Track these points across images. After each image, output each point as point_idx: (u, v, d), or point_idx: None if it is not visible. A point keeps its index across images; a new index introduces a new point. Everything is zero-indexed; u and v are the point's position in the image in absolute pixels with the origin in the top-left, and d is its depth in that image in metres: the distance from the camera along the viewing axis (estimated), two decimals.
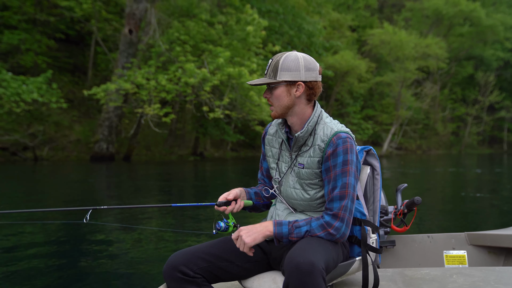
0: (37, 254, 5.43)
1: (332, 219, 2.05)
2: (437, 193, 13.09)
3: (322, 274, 1.83)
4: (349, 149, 2.08)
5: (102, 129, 22.18)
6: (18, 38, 20.98)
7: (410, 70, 36.32)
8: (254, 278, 2.22)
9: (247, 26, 18.83)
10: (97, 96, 18.92)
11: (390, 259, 3.63)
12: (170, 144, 28.90)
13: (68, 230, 6.90)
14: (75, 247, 5.92)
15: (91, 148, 24.15)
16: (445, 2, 45.37)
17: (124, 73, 19.55)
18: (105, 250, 5.80)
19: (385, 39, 34.83)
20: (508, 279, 2.52)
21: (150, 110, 18.65)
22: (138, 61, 19.86)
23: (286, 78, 2.09)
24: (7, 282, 4.38)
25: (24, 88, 18.39)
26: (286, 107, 2.13)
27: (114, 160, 23.56)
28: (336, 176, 2.08)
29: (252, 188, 2.43)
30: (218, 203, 2.23)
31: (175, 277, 2.08)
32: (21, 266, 4.92)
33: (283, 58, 2.10)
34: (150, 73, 18.74)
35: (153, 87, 18.17)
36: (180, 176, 17.41)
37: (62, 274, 4.76)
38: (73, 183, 13.99)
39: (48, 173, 17.66)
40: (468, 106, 51.33)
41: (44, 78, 19.01)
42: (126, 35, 19.82)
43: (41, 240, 6.32)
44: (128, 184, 13.88)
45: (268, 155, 2.35)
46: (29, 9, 22.42)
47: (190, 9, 21.50)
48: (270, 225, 2.07)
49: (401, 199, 3.29)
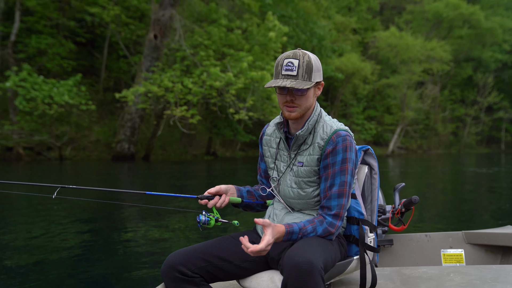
0: (33, 253, 5.45)
1: (334, 220, 2.10)
2: (435, 192, 13.19)
3: (321, 273, 1.84)
4: (349, 147, 2.10)
5: (124, 129, 23.03)
6: (45, 42, 21.83)
7: (416, 73, 37.35)
8: (252, 277, 2.23)
9: (269, 32, 19.82)
10: (127, 98, 19.78)
11: (388, 258, 3.64)
12: (184, 144, 29.81)
13: (66, 227, 6.85)
14: (72, 246, 5.87)
15: (111, 148, 25.03)
16: (446, 5, 46.31)
17: (150, 76, 20.44)
18: (102, 249, 5.82)
19: (392, 43, 35.80)
20: (505, 278, 2.53)
21: (178, 112, 19.54)
22: (162, 64, 20.76)
23: (318, 79, 2.10)
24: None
25: (55, 91, 19.25)
26: (309, 107, 2.14)
27: (135, 160, 24.46)
28: (334, 174, 2.10)
29: (246, 187, 2.43)
30: (200, 196, 2.23)
31: (173, 276, 2.08)
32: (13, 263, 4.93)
33: (312, 59, 2.09)
34: (175, 77, 19.66)
35: (179, 89, 19.09)
36: (201, 175, 18.06)
37: (56, 274, 4.73)
38: (113, 181, 14.84)
39: (83, 171, 18.45)
40: (467, 107, 52.29)
41: (73, 81, 19.89)
42: (151, 40, 20.71)
43: (36, 234, 6.31)
44: (160, 182, 14.57)
45: (267, 156, 2.35)
46: (53, 14, 23.26)
47: (209, 14, 22.44)
48: (282, 235, 2.03)
49: (398, 198, 3.31)
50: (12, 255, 5.43)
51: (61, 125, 23.11)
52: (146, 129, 26.79)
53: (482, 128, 53.99)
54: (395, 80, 37.88)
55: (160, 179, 15.22)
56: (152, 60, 21.20)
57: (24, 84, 18.65)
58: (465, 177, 18.48)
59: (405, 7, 51.45)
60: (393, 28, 37.41)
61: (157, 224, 7.47)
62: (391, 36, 35.97)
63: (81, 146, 25.06)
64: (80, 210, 8.74)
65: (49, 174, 17.31)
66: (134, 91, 19.62)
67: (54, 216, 8.09)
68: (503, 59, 50.69)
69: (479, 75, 50.83)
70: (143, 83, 19.85)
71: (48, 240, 6.22)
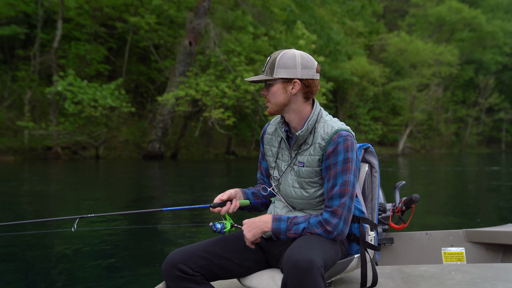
0: (30, 258, 5.41)
1: (330, 216, 2.05)
2: (436, 190, 13.30)
3: (321, 271, 1.84)
4: (350, 147, 2.09)
5: (156, 130, 24.44)
6: (83, 48, 23.29)
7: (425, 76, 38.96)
8: (253, 276, 2.25)
9: (298, 40, 21.39)
10: (170, 101, 21.26)
11: (389, 257, 3.64)
12: (204, 144, 31.25)
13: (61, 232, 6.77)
14: (71, 247, 5.87)
15: (140, 147, 26.46)
16: (448, 9, 47.60)
17: (185, 80, 21.97)
18: (103, 249, 5.83)
19: (402, 47, 37.38)
20: (506, 276, 2.52)
21: (215, 114, 21.05)
22: (197, 69, 22.30)
23: (282, 75, 2.10)
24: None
25: (99, 94, 20.70)
26: (282, 104, 2.14)
27: (164, 159, 25.80)
28: (336, 174, 2.08)
29: (249, 189, 2.44)
30: (213, 204, 2.25)
31: (174, 275, 2.09)
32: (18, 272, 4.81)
33: (280, 56, 2.11)
34: (209, 81, 21.20)
35: (215, 93, 20.65)
36: (225, 174, 18.92)
37: (57, 274, 4.73)
38: (148, 180, 16.04)
39: (120, 170, 19.77)
40: (469, 108, 53.62)
41: (115, 85, 21.36)
42: (186, 46, 22.19)
43: (32, 245, 6.16)
44: (193, 181, 14.96)
45: (268, 154, 2.35)
46: (87, 21, 24.72)
47: (235, 21, 23.99)
48: (269, 220, 2.10)
49: (399, 196, 3.31)
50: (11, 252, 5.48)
51: (93, 126, 24.56)
52: (171, 130, 28.15)
53: (483, 128, 54.98)
54: (405, 83, 39.46)
55: (192, 179, 15.70)
56: (185, 65, 22.66)
57: (71, 88, 20.09)
58: (466, 176, 18.71)
59: (407, 11, 52.87)
60: (403, 33, 38.98)
61: (158, 223, 7.56)
62: (401, 42, 37.54)
63: (112, 146, 26.48)
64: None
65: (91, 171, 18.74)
66: (175, 94, 21.08)
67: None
68: (503, 61, 51.77)
69: (480, 77, 51.97)
70: (181, 86, 21.35)
71: (48, 239, 6.18)
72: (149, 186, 13.95)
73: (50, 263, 5.08)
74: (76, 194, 11.35)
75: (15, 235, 6.15)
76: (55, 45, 22.61)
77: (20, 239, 6.11)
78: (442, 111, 51.23)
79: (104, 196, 11.31)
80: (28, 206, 9.53)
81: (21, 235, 6.17)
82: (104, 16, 25.65)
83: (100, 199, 10.59)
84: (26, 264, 5.03)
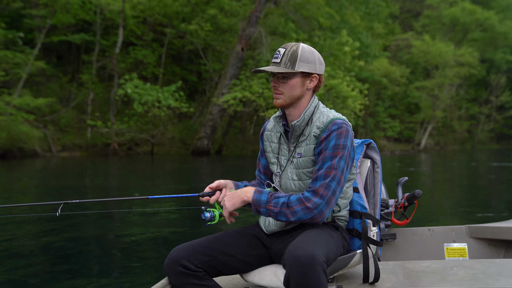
0: (33, 249, 5.55)
1: (311, 195, 2.02)
2: (439, 186, 13.44)
3: (323, 266, 1.83)
4: (343, 134, 2.07)
5: (205, 128, 26.55)
6: (141, 53, 25.40)
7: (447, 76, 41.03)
8: (255, 271, 2.25)
9: (343, 46, 23.47)
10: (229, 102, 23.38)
11: (391, 252, 3.63)
12: (240, 140, 33.34)
13: (64, 224, 6.90)
14: (72, 240, 5.96)
15: (186, 143, 28.52)
16: (462, 11, 49.14)
17: (237, 83, 24.10)
18: (106, 244, 5.88)
19: (425, 50, 39.39)
20: (509, 271, 2.50)
21: (271, 114, 23.02)
22: (249, 73, 24.38)
23: (304, 69, 2.10)
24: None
25: (161, 95, 22.79)
26: (296, 97, 2.14)
27: (210, 154, 27.65)
28: (325, 158, 2.06)
29: (243, 182, 2.41)
30: (201, 193, 2.23)
31: (176, 271, 2.09)
32: (18, 264, 4.88)
33: (300, 49, 2.10)
34: (261, 84, 23.26)
35: (268, 95, 22.70)
36: None
37: (60, 269, 4.78)
38: (199, 174, 17.13)
39: (176, 164, 21.40)
40: (481, 105, 55.21)
41: (175, 87, 23.46)
42: (238, 52, 24.26)
43: (31, 233, 6.39)
44: (243, 174, 16.13)
45: (268, 151, 2.35)
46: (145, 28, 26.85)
47: (278, 28, 26.07)
48: (250, 191, 2.10)
49: (401, 192, 3.28)
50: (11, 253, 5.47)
51: (150, 125, 26.67)
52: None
53: (494, 125, 56.35)
54: (429, 83, 41.48)
55: (241, 171, 16.90)
56: (236, 69, 24.73)
57: (138, 90, 22.19)
58: (470, 172, 19.03)
59: (420, 11, 54.61)
60: (426, 36, 40.95)
61: (159, 219, 7.68)
62: (424, 44, 39.54)
63: (161, 142, 28.56)
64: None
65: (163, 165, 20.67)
66: (233, 96, 23.17)
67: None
68: None
69: (492, 75, 53.48)
70: (235, 88, 23.46)
71: (48, 238, 6.19)
72: (212, 177, 14.58)
73: (49, 261, 5.14)
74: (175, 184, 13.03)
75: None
76: (117, 51, 24.66)
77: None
78: (455, 109, 52.96)
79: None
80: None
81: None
82: (156, 23, 27.69)
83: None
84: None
